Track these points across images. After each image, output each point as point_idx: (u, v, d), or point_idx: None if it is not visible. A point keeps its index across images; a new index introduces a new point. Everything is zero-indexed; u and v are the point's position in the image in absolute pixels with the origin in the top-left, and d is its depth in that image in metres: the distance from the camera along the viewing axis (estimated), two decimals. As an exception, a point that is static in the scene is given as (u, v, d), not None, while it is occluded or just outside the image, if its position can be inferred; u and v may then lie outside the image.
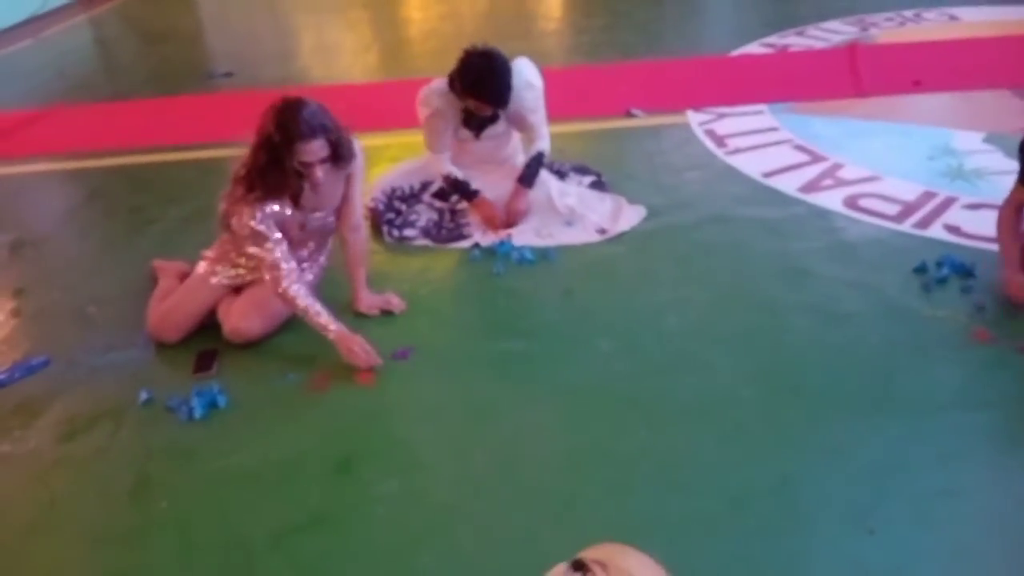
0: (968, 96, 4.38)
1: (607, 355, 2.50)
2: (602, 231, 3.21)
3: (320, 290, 2.83)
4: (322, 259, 2.83)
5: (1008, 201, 2.72)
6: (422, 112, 3.18)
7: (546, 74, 3.31)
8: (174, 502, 2.07)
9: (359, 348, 2.46)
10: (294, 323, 2.64)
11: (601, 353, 2.51)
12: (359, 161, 2.63)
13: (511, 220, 3.23)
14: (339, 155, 2.47)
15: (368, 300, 2.75)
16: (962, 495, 1.93)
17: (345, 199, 2.68)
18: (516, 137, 3.45)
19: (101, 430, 2.33)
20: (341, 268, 2.81)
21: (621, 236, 3.17)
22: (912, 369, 2.36)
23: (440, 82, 3.14)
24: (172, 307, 2.68)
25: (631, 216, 3.29)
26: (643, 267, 2.96)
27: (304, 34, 7.20)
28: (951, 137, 3.83)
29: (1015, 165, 2.66)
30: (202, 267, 2.72)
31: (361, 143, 2.64)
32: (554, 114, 3.37)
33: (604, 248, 3.11)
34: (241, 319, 2.60)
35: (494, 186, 3.29)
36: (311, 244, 2.75)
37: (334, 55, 6.36)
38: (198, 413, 2.34)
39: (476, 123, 3.23)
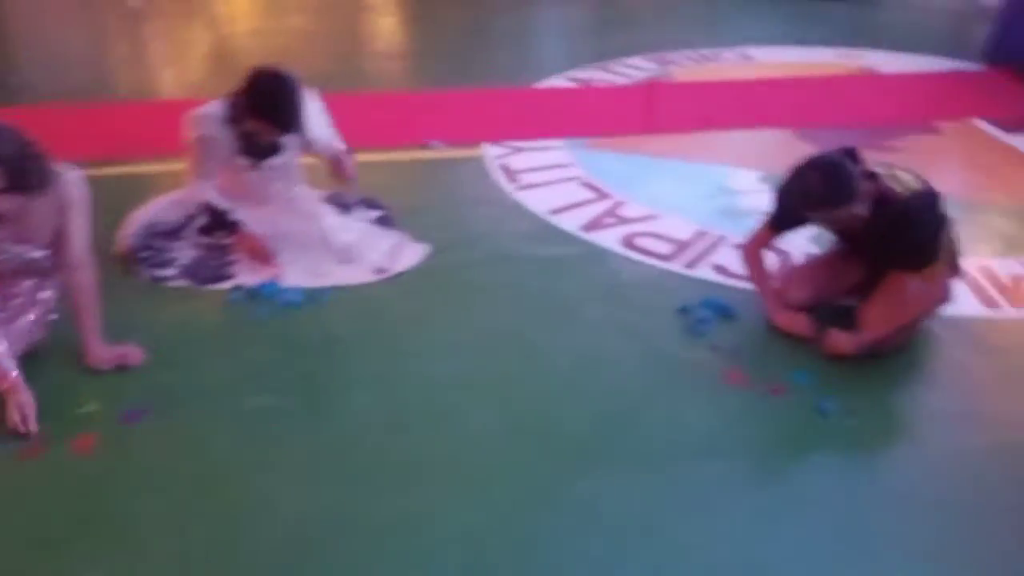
0: (753, 135, 4.58)
1: (364, 409, 2.36)
2: (381, 270, 3.07)
3: (51, 334, 2.53)
4: (45, 296, 2.51)
5: (753, 239, 2.79)
6: (189, 134, 2.93)
7: (345, 100, 3.15)
8: None
9: (16, 409, 2.22)
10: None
11: (358, 407, 2.37)
12: (76, 192, 2.37)
13: (348, 173, 3.13)
14: (22, 186, 2.19)
15: (99, 353, 2.47)
16: (696, 549, 1.93)
17: (60, 234, 2.39)
18: (296, 170, 3.27)
19: None
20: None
21: (399, 276, 3.05)
22: (666, 416, 2.36)
23: (214, 105, 2.92)
24: None
25: (411, 255, 3.18)
26: (415, 309, 2.85)
27: (101, 39, 6.67)
28: (729, 175, 3.97)
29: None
30: None
31: (80, 173, 2.38)
32: (349, 143, 3.20)
33: (379, 289, 2.98)
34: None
35: (269, 220, 3.09)
36: (27, 281, 2.45)
37: (126, 66, 5.91)
38: None
39: (258, 152, 3.02)
